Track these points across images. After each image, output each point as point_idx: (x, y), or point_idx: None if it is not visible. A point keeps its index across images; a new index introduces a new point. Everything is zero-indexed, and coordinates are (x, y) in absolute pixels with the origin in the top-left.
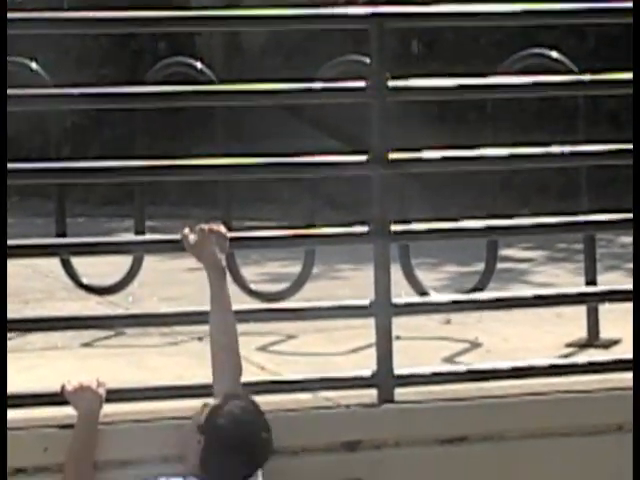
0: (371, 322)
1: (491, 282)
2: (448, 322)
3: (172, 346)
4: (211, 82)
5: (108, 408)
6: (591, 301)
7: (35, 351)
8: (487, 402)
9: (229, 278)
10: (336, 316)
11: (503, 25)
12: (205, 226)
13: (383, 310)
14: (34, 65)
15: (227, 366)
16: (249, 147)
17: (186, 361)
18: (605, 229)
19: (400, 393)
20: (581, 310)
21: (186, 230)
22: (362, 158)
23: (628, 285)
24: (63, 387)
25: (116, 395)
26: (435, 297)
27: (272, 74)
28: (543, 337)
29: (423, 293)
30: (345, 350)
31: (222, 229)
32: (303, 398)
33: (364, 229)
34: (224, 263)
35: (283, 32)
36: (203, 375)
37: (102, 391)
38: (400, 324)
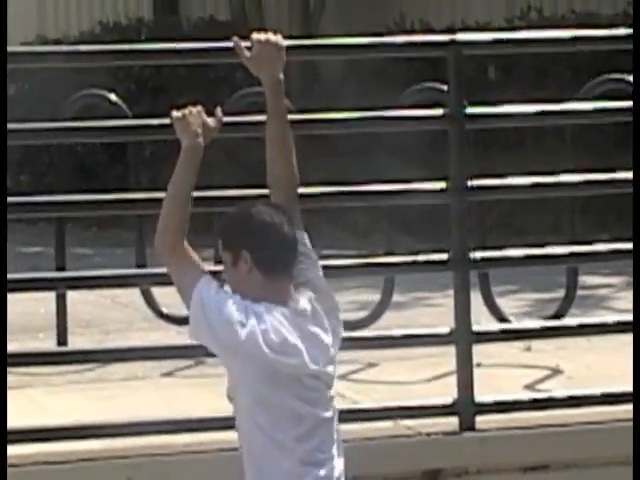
0: (452, 350)
1: (573, 308)
2: (529, 349)
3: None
4: (288, 111)
5: (189, 438)
6: None
7: (116, 381)
8: (569, 429)
9: None
10: (416, 344)
11: (581, 50)
12: (262, 37)
13: (463, 337)
14: (113, 97)
15: (283, 175)
16: (326, 174)
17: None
18: None
19: (481, 421)
20: None
21: (241, 43)
22: (441, 185)
23: None
24: (172, 117)
25: (198, 425)
26: (515, 324)
27: (350, 102)
28: (625, 363)
29: (503, 320)
30: (426, 378)
31: (279, 39)
32: (383, 426)
33: (444, 256)
34: (281, 75)
35: (361, 60)
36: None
37: (214, 123)
38: (480, 351)
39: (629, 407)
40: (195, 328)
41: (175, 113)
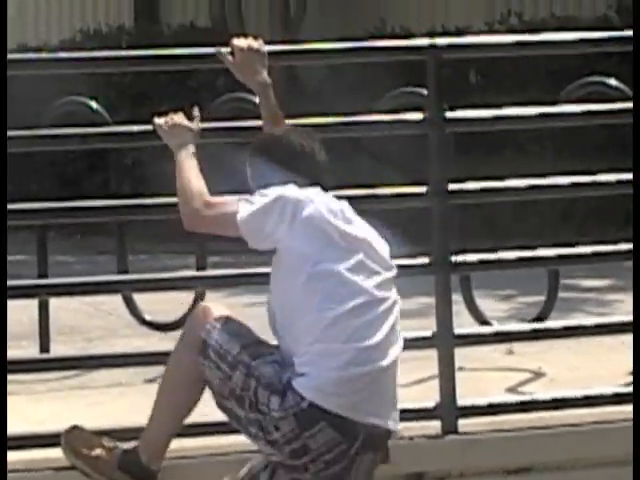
0: (434, 353)
1: (555, 311)
2: (511, 352)
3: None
4: None
5: (176, 443)
6: None
7: (99, 388)
8: (552, 432)
9: None
10: None
11: (561, 53)
12: (242, 43)
13: (445, 341)
14: (94, 104)
15: None
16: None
17: None
18: None
19: (464, 424)
20: None
21: (228, 48)
22: (421, 190)
23: None
24: (154, 124)
25: (184, 430)
26: (497, 327)
27: (330, 107)
28: (607, 365)
29: (485, 323)
30: (408, 382)
31: (260, 45)
32: None
33: (425, 260)
34: (267, 78)
35: (341, 65)
36: None
37: (196, 124)
38: (463, 355)
39: (611, 409)
40: (250, 226)
41: (157, 120)
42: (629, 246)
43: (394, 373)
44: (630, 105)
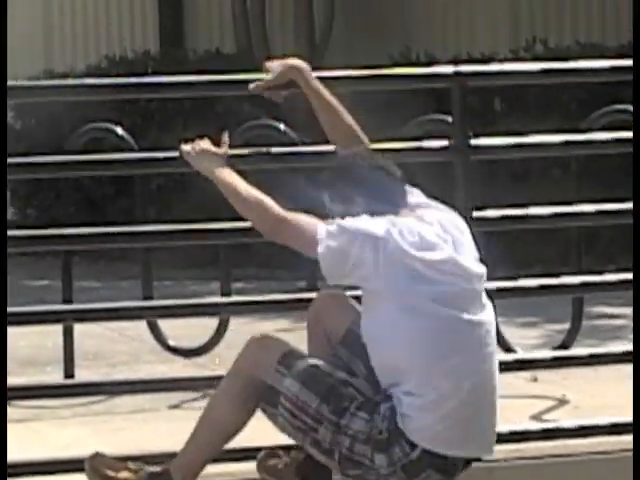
0: None
1: (584, 339)
2: (535, 380)
3: (252, 418)
4: (294, 143)
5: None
6: None
7: (123, 414)
8: (576, 459)
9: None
10: None
11: (586, 81)
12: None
13: None
14: (119, 130)
15: (349, 130)
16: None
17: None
18: None
19: None
20: None
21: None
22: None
23: None
24: (181, 150)
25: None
26: (521, 354)
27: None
28: (630, 393)
29: (509, 350)
30: None
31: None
32: None
33: None
34: (302, 63)
35: (367, 91)
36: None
37: (224, 149)
38: None
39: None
40: (332, 272)
41: (184, 147)
42: None
43: (495, 398)
44: None
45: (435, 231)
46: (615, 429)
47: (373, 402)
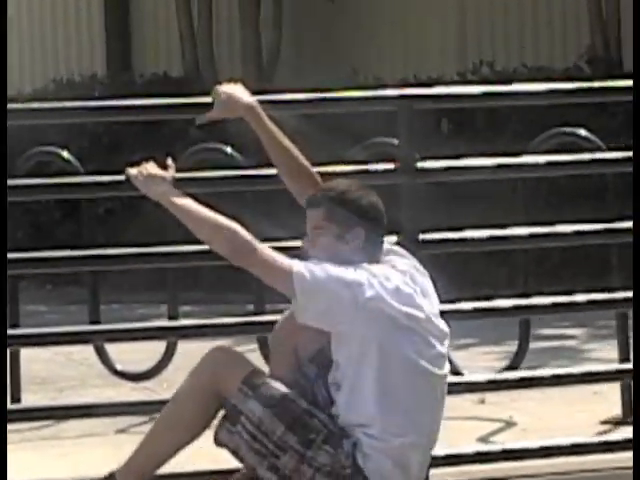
0: None
1: (531, 360)
2: (482, 402)
3: (207, 429)
4: (240, 167)
5: None
6: (624, 378)
7: (71, 439)
8: None
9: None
10: None
11: (532, 104)
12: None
13: None
14: (66, 154)
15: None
16: (281, 231)
17: None
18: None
19: (435, 474)
20: (617, 387)
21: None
22: (392, 239)
23: None
24: (128, 174)
25: None
26: (469, 376)
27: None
28: (578, 415)
29: (457, 373)
30: None
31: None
32: None
33: None
34: (251, 99)
35: (314, 114)
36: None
37: (171, 173)
38: None
39: (583, 458)
40: (308, 307)
41: (131, 170)
42: (601, 295)
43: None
44: (599, 156)
45: (407, 281)
46: (562, 450)
47: (337, 436)
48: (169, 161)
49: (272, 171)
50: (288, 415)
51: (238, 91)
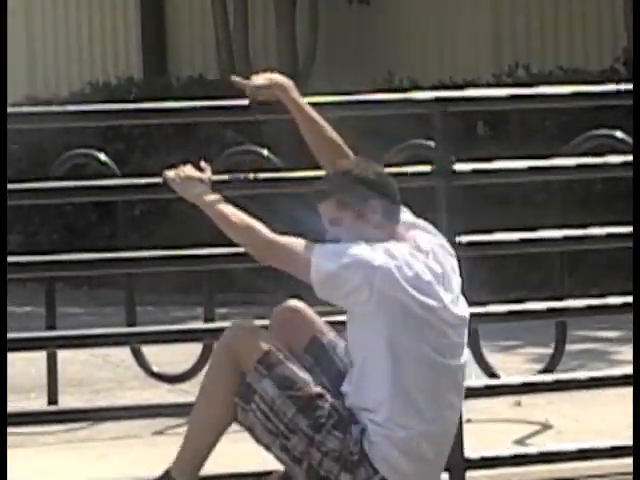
0: None
1: (566, 362)
2: (518, 404)
3: (241, 432)
4: (277, 169)
5: None
6: None
7: (107, 440)
8: None
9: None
10: None
11: (568, 106)
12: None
13: None
14: (102, 156)
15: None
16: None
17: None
18: None
19: (472, 476)
20: None
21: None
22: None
23: None
24: (165, 177)
25: None
26: (505, 379)
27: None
28: (613, 417)
29: (493, 375)
30: None
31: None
32: None
33: None
34: (289, 81)
35: (349, 117)
36: (260, 461)
37: (208, 174)
38: (470, 407)
39: (619, 461)
40: (325, 284)
41: (168, 173)
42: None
43: (452, 441)
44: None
45: (429, 264)
46: (599, 453)
47: (345, 422)
48: (203, 164)
49: (309, 173)
50: (299, 397)
51: (274, 75)
